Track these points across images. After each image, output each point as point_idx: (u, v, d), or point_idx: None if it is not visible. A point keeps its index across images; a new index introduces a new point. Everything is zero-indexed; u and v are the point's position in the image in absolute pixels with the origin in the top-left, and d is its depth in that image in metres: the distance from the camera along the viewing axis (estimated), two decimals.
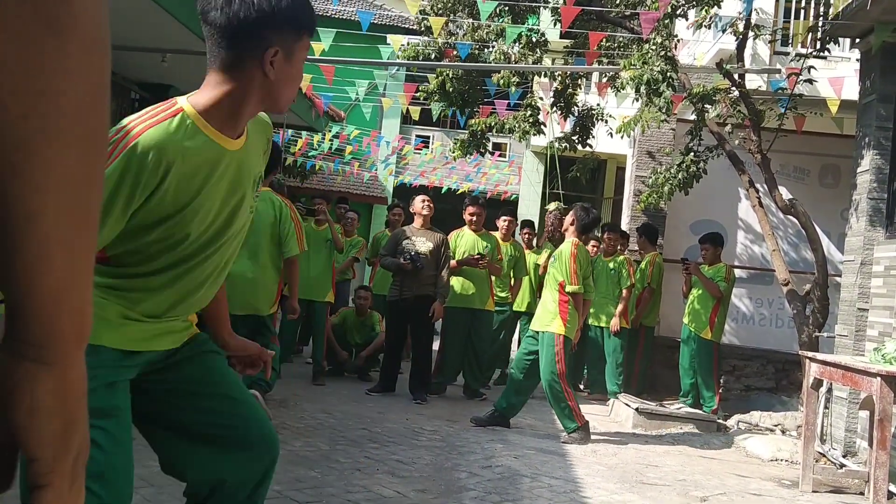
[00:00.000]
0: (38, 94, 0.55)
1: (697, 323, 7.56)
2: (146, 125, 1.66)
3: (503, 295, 8.01)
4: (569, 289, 5.90)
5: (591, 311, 7.46)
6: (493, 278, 7.65)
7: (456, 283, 7.42)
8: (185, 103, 1.74)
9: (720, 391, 7.79)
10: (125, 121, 1.68)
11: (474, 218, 7.51)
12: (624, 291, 7.91)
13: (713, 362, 7.58)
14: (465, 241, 7.51)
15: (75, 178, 0.58)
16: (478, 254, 7.32)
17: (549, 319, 5.97)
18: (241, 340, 2.13)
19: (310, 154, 15.53)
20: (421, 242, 7.09)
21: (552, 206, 9.76)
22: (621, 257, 8.10)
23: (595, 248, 8.22)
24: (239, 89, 1.71)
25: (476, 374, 7.60)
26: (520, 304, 8.38)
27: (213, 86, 1.74)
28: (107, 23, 0.60)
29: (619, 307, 7.86)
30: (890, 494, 4.61)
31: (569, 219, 6.18)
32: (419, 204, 7.26)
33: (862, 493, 4.94)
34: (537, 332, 6.09)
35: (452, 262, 7.21)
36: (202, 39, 1.80)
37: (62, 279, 0.59)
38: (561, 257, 6.01)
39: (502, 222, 8.11)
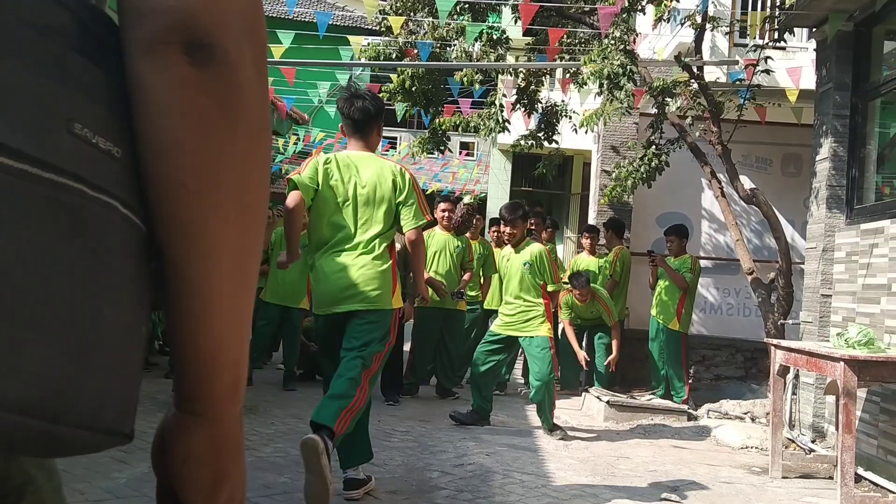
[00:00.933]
0: (211, 173, 0.60)
1: (665, 314, 7.61)
2: None
3: (473, 294, 8.01)
4: (552, 288, 6.03)
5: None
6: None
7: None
8: None
9: (690, 381, 7.85)
10: None
11: (445, 215, 7.48)
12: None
13: (682, 353, 7.64)
14: (436, 240, 7.48)
15: (237, 247, 0.63)
16: (456, 290, 7.33)
17: (536, 324, 5.98)
18: None
19: (276, 158, 15.42)
20: None
21: (467, 198, 9.75)
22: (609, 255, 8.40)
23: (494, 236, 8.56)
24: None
25: (448, 374, 7.59)
26: (490, 301, 8.38)
27: None
28: (269, 110, 0.66)
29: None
30: (858, 477, 4.67)
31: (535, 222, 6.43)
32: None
33: (831, 478, 5.00)
34: (504, 337, 6.11)
35: (425, 278, 7.18)
36: None
37: (220, 340, 0.64)
38: (539, 261, 5.99)
39: (585, 239, 8.36)
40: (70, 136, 0.53)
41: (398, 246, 6.96)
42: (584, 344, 7.97)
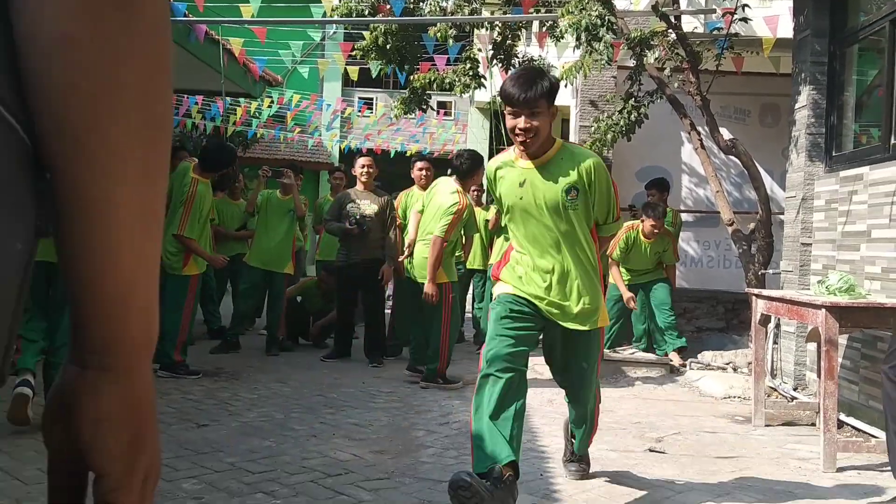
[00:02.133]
0: (106, 73, 0.52)
1: None
2: None
3: (456, 254, 7.94)
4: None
5: None
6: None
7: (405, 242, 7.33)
8: None
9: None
10: None
11: (423, 173, 7.39)
12: None
13: None
14: (414, 199, 7.40)
15: (142, 166, 0.55)
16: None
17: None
18: None
19: (252, 123, 15.23)
20: (365, 205, 6.97)
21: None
22: None
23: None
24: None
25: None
26: (472, 261, 8.33)
27: None
28: (169, 11, 0.57)
29: None
30: (840, 423, 4.71)
31: None
32: (358, 168, 7.14)
33: (813, 424, 5.05)
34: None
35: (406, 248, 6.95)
36: None
37: (130, 276, 0.55)
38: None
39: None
40: None
41: (375, 208, 6.90)
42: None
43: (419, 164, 7.41)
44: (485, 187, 8.99)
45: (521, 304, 3.32)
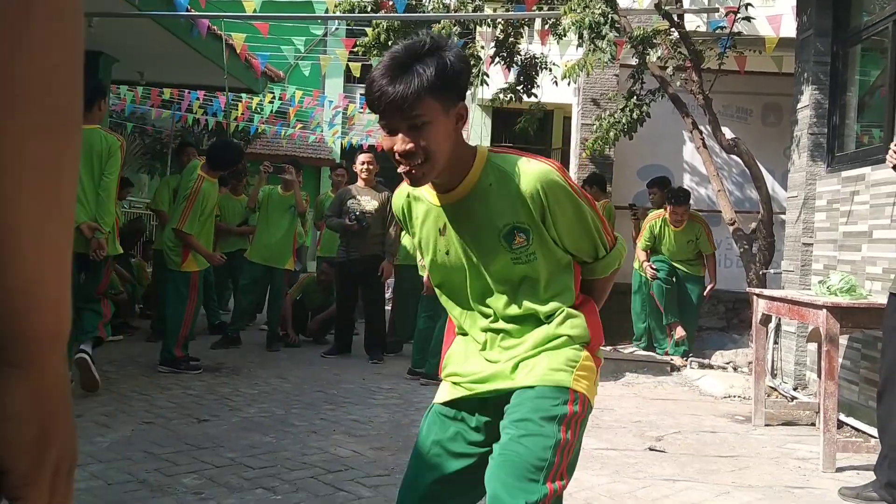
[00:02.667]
0: (2, 67, 0.50)
1: None
2: None
3: None
4: None
5: None
6: None
7: (407, 240, 7.33)
8: None
9: (672, 333, 7.88)
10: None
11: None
12: None
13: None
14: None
15: (44, 160, 0.53)
16: None
17: None
18: None
19: (253, 119, 15.22)
20: (366, 201, 6.96)
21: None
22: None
23: None
24: None
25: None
26: None
27: None
28: None
29: None
30: (840, 423, 4.71)
31: None
32: (359, 165, 7.12)
33: (813, 424, 5.05)
34: None
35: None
36: (130, 2, 1.70)
37: (33, 270, 0.54)
38: None
39: None
40: None
41: (376, 204, 6.87)
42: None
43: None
44: None
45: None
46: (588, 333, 1.93)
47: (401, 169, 1.79)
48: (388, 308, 7.78)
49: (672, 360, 7.07)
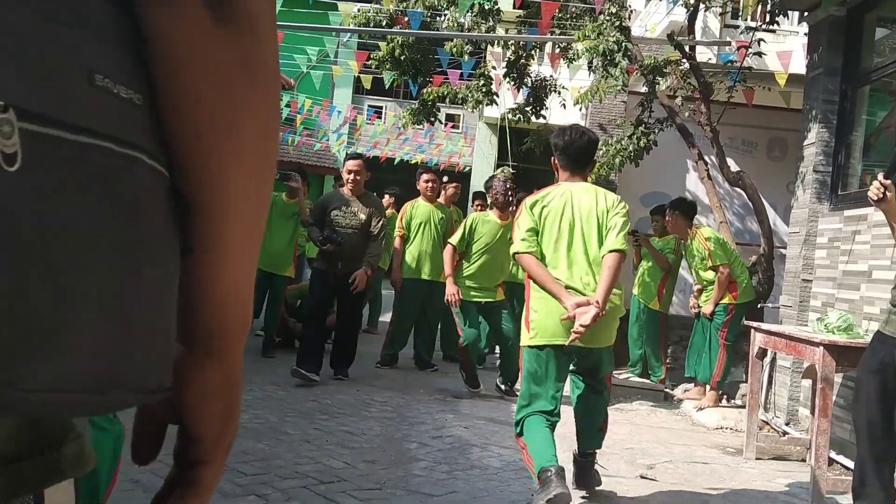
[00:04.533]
0: (230, 129, 0.60)
1: (647, 294, 7.63)
2: None
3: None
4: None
5: None
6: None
7: (409, 254, 7.36)
8: None
9: (667, 361, 7.91)
10: None
11: (430, 185, 7.42)
12: None
13: (661, 333, 7.67)
14: (419, 211, 7.44)
15: (254, 195, 0.64)
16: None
17: None
18: None
19: None
20: (351, 214, 6.30)
21: (499, 172, 9.68)
22: None
23: None
24: None
25: (428, 345, 7.58)
26: None
27: None
28: (279, 57, 0.65)
29: None
30: (830, 461, 4.72)
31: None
32: (345, 174, 6.46)
33: (804, 460, 5.06)
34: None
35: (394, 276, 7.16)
36: None
37: (236, 279, 0.66)
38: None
39: (450, 188, 7.96)
40: (92, 89, 0.49)
41: (362, 218, 6.58)
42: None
43: (425, 177, 7.42)
44: (487, 202, 9.10)
45: None
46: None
47: None
48: (385, 319, 7.79)
49: (665, 389, 7.08)
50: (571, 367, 3.95)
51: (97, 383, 0.50)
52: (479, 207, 8.84)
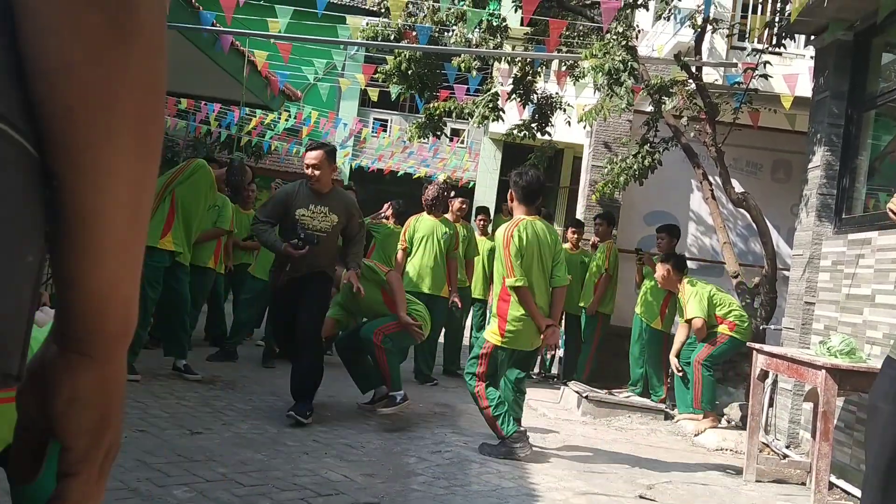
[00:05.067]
0: (103, 99, 0.56)
1: (649, 313, 7.61)
2: None
3: (461, 278, 7.94)
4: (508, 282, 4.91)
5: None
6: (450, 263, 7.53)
7: (410, 267, 7.36)
8: None
9: (668, 381, 7.88)
10: None
11: (463, 207, 7.76)
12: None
13: (662, 352, 7.65)
14: (423, 225, 7.44)
15: (132, 180, 0.60)
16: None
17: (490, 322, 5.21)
18: None
19: (266, 135, 15.31)
20: (321, 215, 5.33)
21: (441, 176, 9.78)
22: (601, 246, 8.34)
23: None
24: None
25: (428, 360, 7.57)
26: (474, 288, 8.36)
27: None
28: (165, 30, 0.62)
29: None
30: (831, 485, 4.70)
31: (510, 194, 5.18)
32: (305, 168, 5.38)
33: (804, 484, 5.04)
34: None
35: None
36: None
37: (113, 276, 0.61)
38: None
39: (457, 203, 7.97)
40: None
41: (335, 219, 5.53)
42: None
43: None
44: (490, 217, 9.12)
45: None
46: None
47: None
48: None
49: (666, 408, 7.06)
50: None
51: None
52: (483, 222, 8.85)
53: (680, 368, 6.77)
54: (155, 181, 0.64)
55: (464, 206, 8.04)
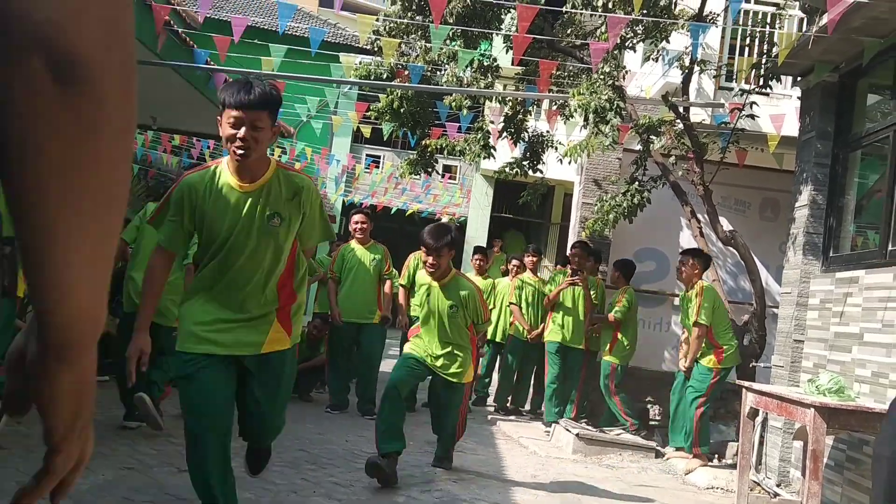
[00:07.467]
0: (71, 179, 0.63)
1: (577, 337, 7.89)
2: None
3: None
4: (481, 327, 5.47)
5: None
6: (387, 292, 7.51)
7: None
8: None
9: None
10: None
11: (358, 227, 7.42)
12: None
13: (582, 370, 7.98)
14: (353, 254, 7.41)
15: (96, 233, 0.67)
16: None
17: (464, 370, 5.38)
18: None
19: None
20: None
21: (445, 218, 9.85)
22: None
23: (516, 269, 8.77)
24: None
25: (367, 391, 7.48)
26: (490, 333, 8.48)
27: None
28: (135, 110, 0.67)
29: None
30: None
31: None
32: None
33: None
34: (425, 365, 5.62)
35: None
36: (152, 51, 1.83)
37: (81, 306, 0.70)
38: (471, 302, 5.22)
39: (529, 257, 8.59)
40: None
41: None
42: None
43: (356, 218, 7.44)
44: (487, 257, 9.17)
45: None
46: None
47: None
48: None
49: (656, 447, 7.04)
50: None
51: None
52: (479, 262, 8.84)
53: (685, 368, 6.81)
54: (118, 230, 0.71)
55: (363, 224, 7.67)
